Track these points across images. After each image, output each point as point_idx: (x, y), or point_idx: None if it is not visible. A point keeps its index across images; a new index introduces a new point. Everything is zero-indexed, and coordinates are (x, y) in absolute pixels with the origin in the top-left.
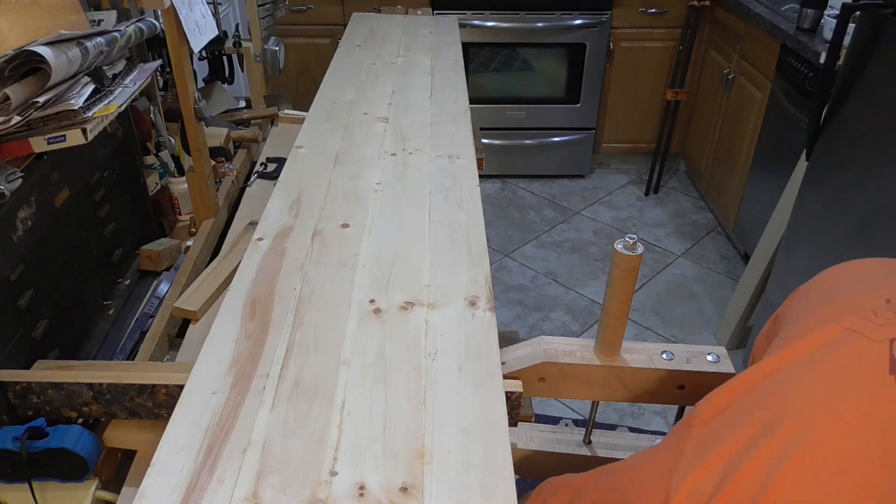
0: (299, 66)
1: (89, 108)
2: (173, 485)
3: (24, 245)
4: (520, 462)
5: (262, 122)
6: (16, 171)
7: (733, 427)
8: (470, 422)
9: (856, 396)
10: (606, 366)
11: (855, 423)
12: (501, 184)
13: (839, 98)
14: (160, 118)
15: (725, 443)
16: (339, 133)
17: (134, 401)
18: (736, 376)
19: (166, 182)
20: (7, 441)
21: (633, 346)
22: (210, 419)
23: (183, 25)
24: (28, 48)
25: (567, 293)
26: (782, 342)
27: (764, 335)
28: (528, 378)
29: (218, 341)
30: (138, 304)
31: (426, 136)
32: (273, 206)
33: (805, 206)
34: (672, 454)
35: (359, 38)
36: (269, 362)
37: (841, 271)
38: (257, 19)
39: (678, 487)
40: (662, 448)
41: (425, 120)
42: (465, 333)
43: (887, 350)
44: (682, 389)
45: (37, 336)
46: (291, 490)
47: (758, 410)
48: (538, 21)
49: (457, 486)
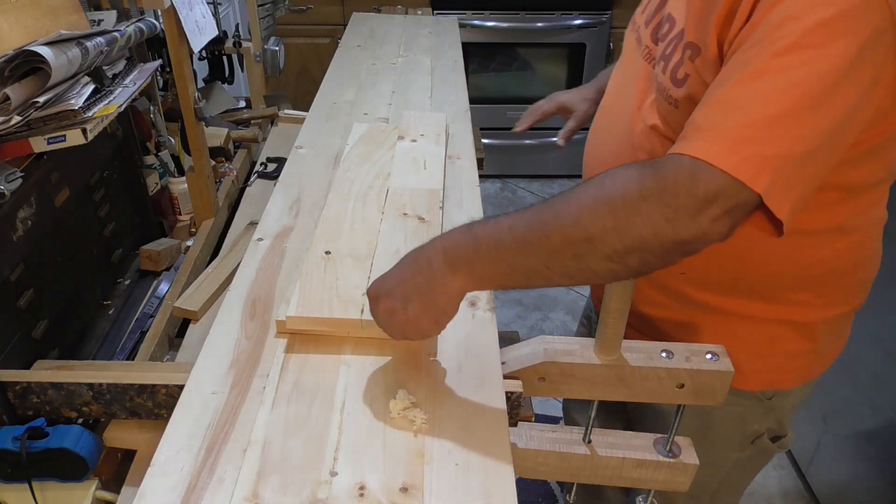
0: (299, 66)
1: (89, 108)
2: (173, 485)
3: (24, 245)
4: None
5: (262, 122)
6: (16, 171)
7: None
8: (470, 422)
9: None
10: (606, 365)
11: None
12: (501, 184)
13: None
14: (160, 118)
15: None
16: (339, 133)
17: (134, 401)
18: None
19: (166, 182)
20: (7, 441)
21: (633, 345)
22: (210, 419)
23: (183, 25)
24: (28, 48)
25: (567, 293)
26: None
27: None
28: (528, 378)
29: (218, 341)
30: (138, 304)
31: None
32: (273, 206)
33: None
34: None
35: (359, 38)
36: (269, 362)
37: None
38: (257, 19)
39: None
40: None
41: None
42: (465, 333)
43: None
44: (682, 388)
45: (37, 336)
46: (291, 490)
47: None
48: (538, 21)
49: (457, 486)
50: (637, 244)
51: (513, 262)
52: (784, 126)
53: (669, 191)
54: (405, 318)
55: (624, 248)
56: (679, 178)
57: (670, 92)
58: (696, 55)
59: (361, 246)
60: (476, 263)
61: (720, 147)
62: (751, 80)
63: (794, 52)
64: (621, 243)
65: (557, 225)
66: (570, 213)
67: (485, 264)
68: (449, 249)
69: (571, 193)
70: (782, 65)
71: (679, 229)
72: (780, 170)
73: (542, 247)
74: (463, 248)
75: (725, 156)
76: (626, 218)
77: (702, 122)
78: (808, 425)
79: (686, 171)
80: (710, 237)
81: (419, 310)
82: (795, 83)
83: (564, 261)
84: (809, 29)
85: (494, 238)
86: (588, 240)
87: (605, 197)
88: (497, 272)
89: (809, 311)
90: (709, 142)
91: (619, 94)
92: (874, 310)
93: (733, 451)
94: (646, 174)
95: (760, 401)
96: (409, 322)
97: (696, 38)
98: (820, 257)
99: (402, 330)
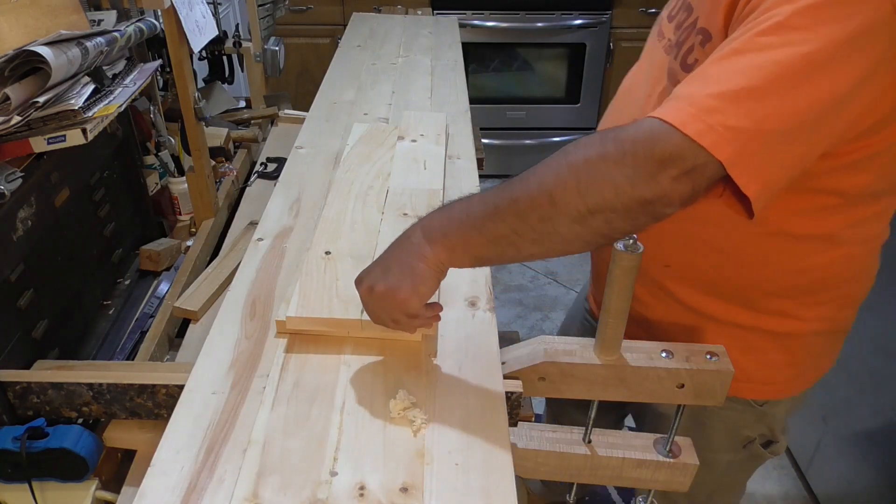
0: (299, 66)
1: (89, 108)
2: (173, 485)
3: (24, 245)
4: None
5: (262, 122)
6: (16, 171)
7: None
8: (470, 422)
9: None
10: (606, 365)
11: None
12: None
13: None
14: (160, 118)
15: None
16: (339, 133)
17: (134, 401)
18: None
19: (166, 182)
20: (7, 441)
21: (632, 345)
22: (210, 419)
23: (183, 25)
24: (28, 48)
25: (567, 293)
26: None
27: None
28: (528, 378)
29: (218, 341)
30: (138, 304)
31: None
32: (273, 206)
33: None
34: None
35: (359, 38)
36: (269, 362)
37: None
38: (257, 19)
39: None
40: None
41: None
42: (465, 333)
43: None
44: (682, 388)
45: (37, 336)
46: (291, 490)
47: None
48: (538, 21)
49: (457, 486)
50: (599, 204)
51: (482, 229)
52: (756, 101)
53: (629, 151)
54: (385, 288)
55: (587, 209)
56: (638, 139)
57: (678, 77)
58: (707, 41)
59: (361, 246)
60: (450, 233)
61: (686, 114)
62: (731, 55)
63: (778, 33)
64: (584, 204)
65: (523, 189)
66: (536, 178)
67: (457, 233)
68: (425, 224)
69: (539, 163)
70: (764, 43)
71: (639, 188)
72: (748, 144)
73: (509, 211)
74: (437, 220)
75: (689, 122)
76: (587, 178)
77: (679, 91)
78: (808, 425)
79: (645, 132)
80: (671, 198)
81: (397, 278)
82: (774, 61)
83: (532, 224)
84: (798, 11)
85: (465, 209)
86: (552, 201)
87: (568, 161)
88: (469, 241)
89: (788, 322)
90: (677, 109)
91: (635, 84)
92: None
93: (726, 454)
94: (607, 137)
95: (752, 407)
96: (389, 292)
97: (707, 24)
98: (806, 265)
99: (383, 305)
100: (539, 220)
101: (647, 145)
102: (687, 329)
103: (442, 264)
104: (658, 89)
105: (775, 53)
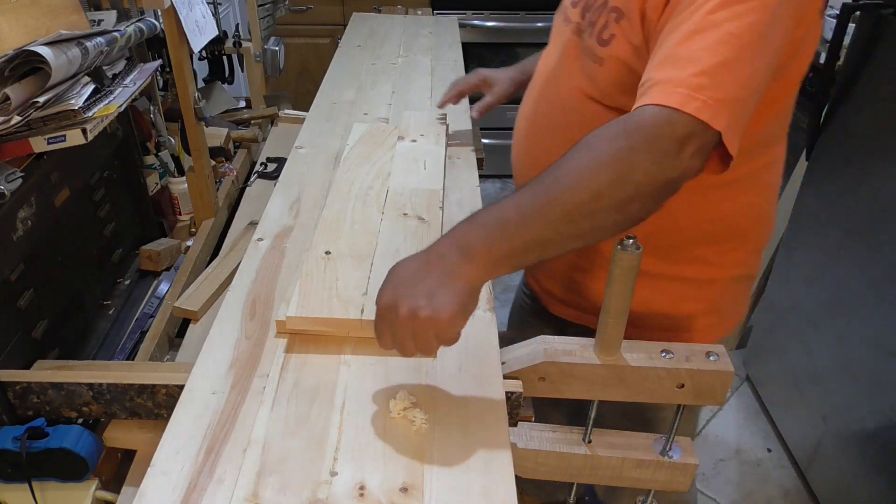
0: (299, 66)
1: (89, 108)
2: (173, 485)
3: (24, 245)
4: (520, 462)
5: (262, 122)
6: (16, 171)
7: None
8: (470, 422)
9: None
10: (606, 365)
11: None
12: (501, 184)
13: (839, 98)
14: (160, 118)
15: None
16: (339, 133)
17: (134, 401)
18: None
19: (166, 182)
20: (7, 441)
21: (632, 345)
22: (210, 419)
23: (183, 25)
24: (28, 48)
25: None
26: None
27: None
28: (528, 378)
29: (218, 341)
30: (138, 304)
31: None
32: (273, 206)
33: (805, 206)
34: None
35: (359, 38)
36: (269, 362)
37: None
38: (257, 19)
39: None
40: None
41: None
42: (465, 333)
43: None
44: (682, 388)
45: (37, 336)
46: (291, 490)
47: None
48: (538, 21)
49: (457, 487)
50: (636, 191)
51: (525, 238)
52: (730, 72)
53: (653, 138)
54: (431, 312)
55: (627, 197)
56: (658, 125)
57: (595, 51)
58: (621, 18)
59: (361, 246)
60: (492, 247)
61: (680, 95)
62: (693, 36)
63: (725, 7)
64: (625, 194)
65: (563, 191)
66: (572, 178)
67: (499, 246)
68: (460, 241)
69: (564, 162)
70: (716, 20)
71: (666, 170)
72: (733, 111)
73: (554, 214)
74: (474, 236)
75: (687, 102)
76: (622, 169)
77: (658, 77)
78: (808, 425)
79: (663, 119)
80: (688, 174)
81: (446, 299)
82: (733, 34)
83: (577, 223)
84: None
85: (501, 220)
86: (596, 198)
87: (599, 156)
88: (512, 251)
89: (708, 269)
90: (668, 92)
91: (547, 66)
92: (874, 310)
93: (667, 409)
94: (628, 129)
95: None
96: (435, 316)
97: (620, 4)
98: (717, 214)
99: (422, 330)
100: (583, 218)
101: (668, 129)
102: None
103: (482, 280)
104: (575, 66)
105: (729, 27)
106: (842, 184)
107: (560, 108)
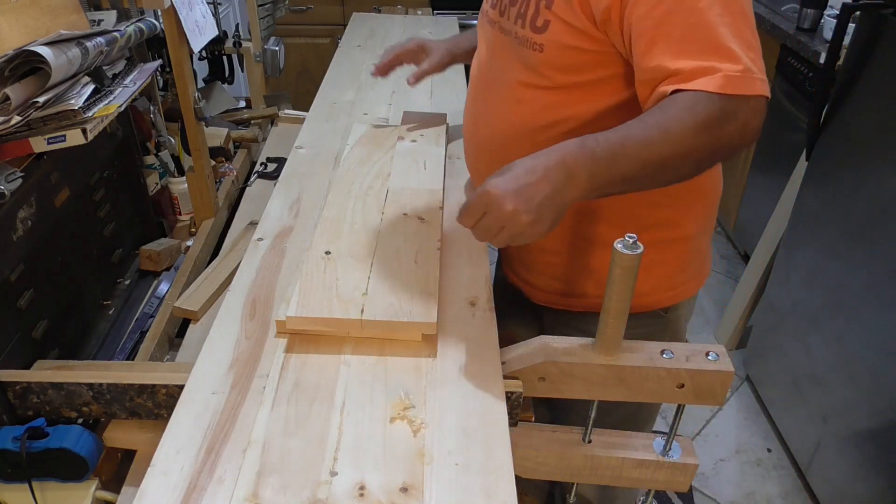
0: (299, 66)
1: (89, 108)
2: (173, 485)
3: (24, 245)
4: (520, 462)
5: (262, 122)
6: (16, 171)
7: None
8: (470, 422)
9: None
10: (606, 364)
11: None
12: None
13: (839, 98)
14: (160, 118)
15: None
16: (339, 133)
17: (134, 401)
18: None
19: (166, 182)
20: (7, 441)
21: (632, 345)
22: (210, 419)
23: (183, 25)
24: (28, 48)
25: None
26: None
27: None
28: (528, 378)
29: (218, 341)
30: (138, 304)
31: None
32: (273, 206)
33: (805, 206)
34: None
35: (359, 38)
36: (269, 362)
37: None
38: (257, 19)
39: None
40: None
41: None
42: (465, 333)
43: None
44: (682, 388)
45: (37, 336)
46: (291, 490)
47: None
48: None
49: (457, 487)
50: (720, 154)
51: (624, 172)
52: (745, 44)
53: (737, 109)
54: (530, 220)
55: (712, 159)
56: (739, 96)
57: (533, 40)
58: (552, 3)
59: (361, 246)
60: (596, 174)
61: (749, 80)
62: (700, 22)
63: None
64: (712, 155)
65: (667, 143)
66: (676, 134)
67: (601, 175)
68: (569, 161)
69: (668, 117)
70: (708, 2)
71: (746, 138)
72: (762, 75)
73: (658, 166)
74: (582, 159)
75: (753, 84)
76: (715, 135)
77: (683, 67)
78: (808, 425)
79: (747, 102)
80: (755, 139)
81: (545, 214)
82: (729, 11)
83: (669, 174)
84: None
85: (610, 152)
86: (690, 154)
87: (698, 121)
88: (609, 181)
89: (674, 229)
90: (710, 78)
91: (480, 69)
92: (874, 310)
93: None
94: (714, 104)
95: (660, 317)
96: (532, 225)
97: None
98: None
99: (513, 227)
100: (673, 168)
101: (742, 102)
102: (596, 261)
103: (574, 202)
104: (511, 60)
105: (721, 6)
106: (842, 184)
107: (502, 100)
